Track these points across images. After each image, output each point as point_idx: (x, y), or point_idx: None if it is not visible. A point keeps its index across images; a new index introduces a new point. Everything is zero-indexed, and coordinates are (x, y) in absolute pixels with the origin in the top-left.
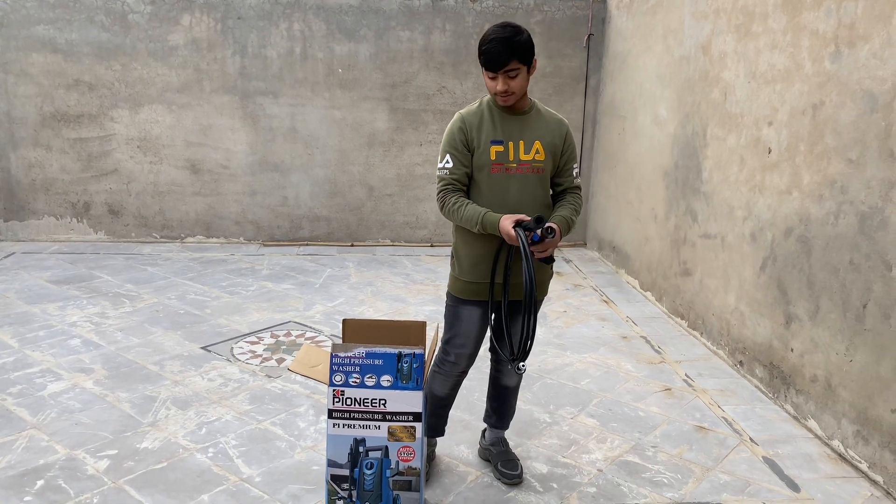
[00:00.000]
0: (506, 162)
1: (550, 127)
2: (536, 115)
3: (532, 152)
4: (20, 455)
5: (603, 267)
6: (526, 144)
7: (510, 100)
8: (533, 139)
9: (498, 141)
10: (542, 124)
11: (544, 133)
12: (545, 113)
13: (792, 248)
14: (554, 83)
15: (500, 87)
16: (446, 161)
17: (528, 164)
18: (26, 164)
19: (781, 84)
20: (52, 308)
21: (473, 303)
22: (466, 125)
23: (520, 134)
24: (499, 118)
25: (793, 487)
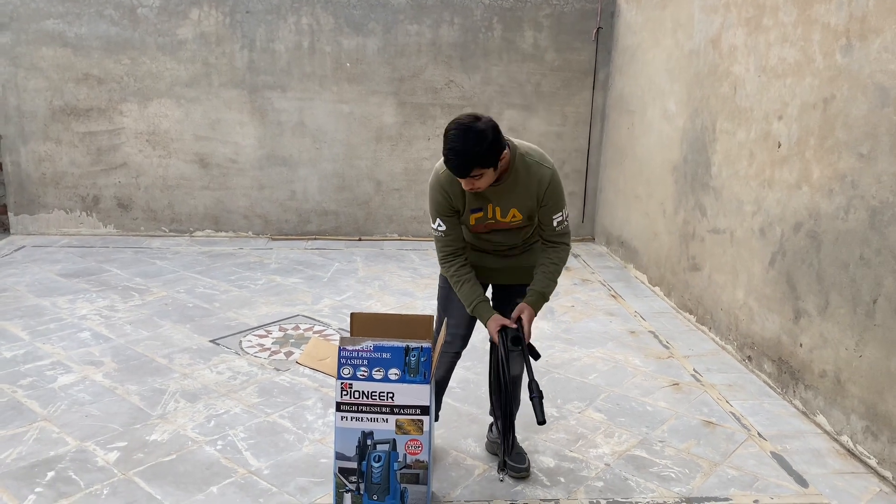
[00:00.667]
0: (485, 220)
1: (527, 191)
2: (514, 181)
3: (509, 216)
4: (31, 446)
5: (611, 262)
6: (503, 210)
7: (479, 190)
8: (509, 207)
9: (476, 209)
10: (518, 191)
11: (521, 200)
12: (525, 173)
13: (801, 243)
14: (562, 77)
15: (466, 186)
16: (438, 224)
17: (506, 223)
18: (36, 157)
19: (792, 78)
20: (62, 301)
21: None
22: (449, 194)
23: (497, 201)
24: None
25: (801, 483)
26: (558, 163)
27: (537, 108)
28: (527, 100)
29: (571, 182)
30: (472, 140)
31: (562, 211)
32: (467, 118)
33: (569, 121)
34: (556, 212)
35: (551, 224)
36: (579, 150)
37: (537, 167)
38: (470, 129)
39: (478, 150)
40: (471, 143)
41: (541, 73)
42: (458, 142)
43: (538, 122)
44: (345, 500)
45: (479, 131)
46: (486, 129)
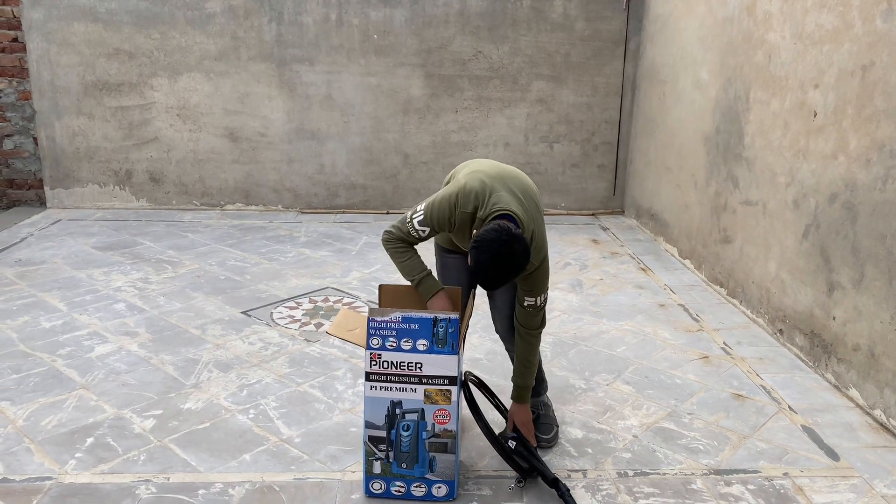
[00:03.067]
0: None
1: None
2: None
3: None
4: (71, 413)
5: (641, 235)
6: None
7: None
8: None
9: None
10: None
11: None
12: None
13: (836, 215)
14: (592, 47)
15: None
16: (423, 230)
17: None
18: (70, 132)
19: (829, 45)
20: (97, 273)
21: (458, 252)
22: (455, 223)
23: None
24: None
25: (832, 456)
26: (587, 134)
27: (567, 79)
28: (556, 70)
29: (601, 154)
30: (505, 267)
31: (537, 297)
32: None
33: (599, 91)
34: (532, 296)
35: (523, 303)
36: (609, 121)
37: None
38: (504, 256)
39: (512, 272)
40: (505, 268)
41: (570, 43)
42: (493, 267)
43: (567, 93)
44: (374, 468)
45: (514, 256)
46: (519, 254)
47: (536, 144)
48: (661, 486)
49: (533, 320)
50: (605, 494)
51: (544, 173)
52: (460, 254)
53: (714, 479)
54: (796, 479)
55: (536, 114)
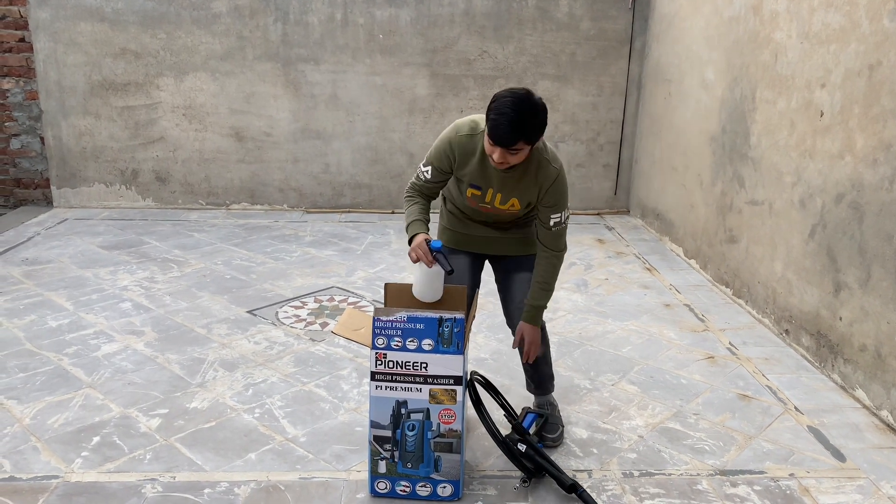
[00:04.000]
0: (480, 202)
1: (533, 187)
2: (524, 173)
3: (507, 204)
4: (77, 412)
5: (646, 234)
6: (503, 197)
7: (504, 167)
8: (511, 196)
9: (476, 185)
10: (525, 184)
11: (524, 192)
12: (536, 168)
13: (843, 215)
14: (598, 46)
15: (498, 158)
16: (427, 171)
17: (503, 210)
18: (77, 132)
19: (836, 44)
20: (103, 272)
21: (462, 252)
22: (455, 154)
23: (500, 186)
24: (487, 165)
25: (838, 457)
26: (592, 134)
27: (572, 79)
28: (561, 70)
29: (606, 154)
30: (527, 111)
31: (562, 212)
32: (523, 90)
33: (604, 91)
34: (556, 211)
35: (548, 223)
36: (614, 120)
37: (546, 164)
38: (525, 100)
39: (532, 122)
40: (526, 114)
41: (576, 43)
42: (513, 110)
43: (573, 93)
44: (379, 468)
45: (535, 104)
46: (540, 104)
47: None
48: (667, 487)
49: (560, 240)
50: (610, 495)
51: None
52: (462, 253)
53: (720, 480)
54: (802, 479)
55: None
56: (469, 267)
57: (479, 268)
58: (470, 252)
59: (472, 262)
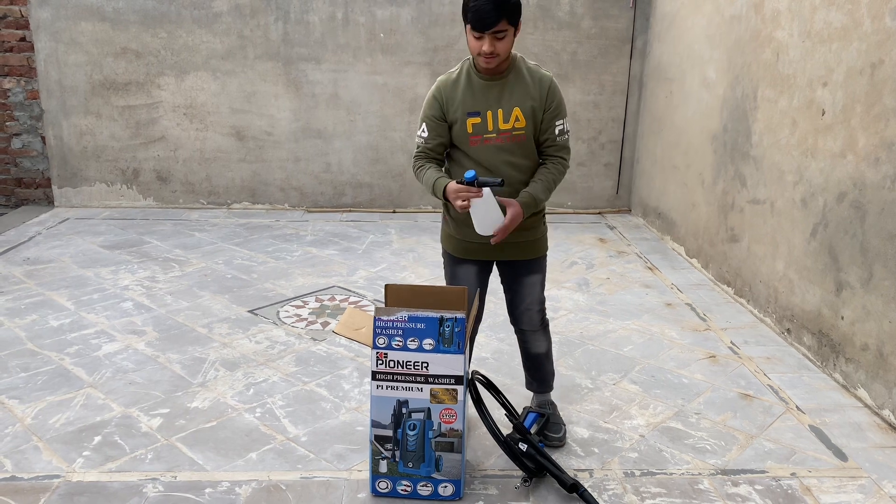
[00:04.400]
0: (484, 133)
1: (530, 89)
2: (517, 77)
3: (511, 120)
4: (78, 412)
5: (648, 234)
6: (504, 112)
7: (494, 62)
8: (511, 106)
9: (474, 112)
10: (521, 87)
11: (524, 97)
12: (527, 72)
13: (845, 214)
14: (599, 45)
15: (487, 48)
16: (422, 130)
17: (507, 133)
18: (78, 131)
19: (838, 43)
20: (105, 272)
21: (468, 261)
22: (442, 95)
23: (498, 101)
24: (477, 85)
25: (840, 456)
26: (594, 132)
27: (573, 77)
28: (563, 69)
29: (607, 153)
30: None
31: (564, 119)
32: None
33: (605, 90)
34: (560, 118)
35: (553, 132)
36: (616, 119)
37: (537, 69)
38: None
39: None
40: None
41: (577, 42)
42: None
43: (574, 92)
44: (381, 467)
45: None
46: None
47: None
48: (668, 486)
49: (567, 151)
50: (611, 494)
51: None
52: (470, 263)
53: (721, 480)
54: (804, 479)
55: None
56: (476, 277)
57: (486, 275)
58: (477, 261)
59: (479, 272)
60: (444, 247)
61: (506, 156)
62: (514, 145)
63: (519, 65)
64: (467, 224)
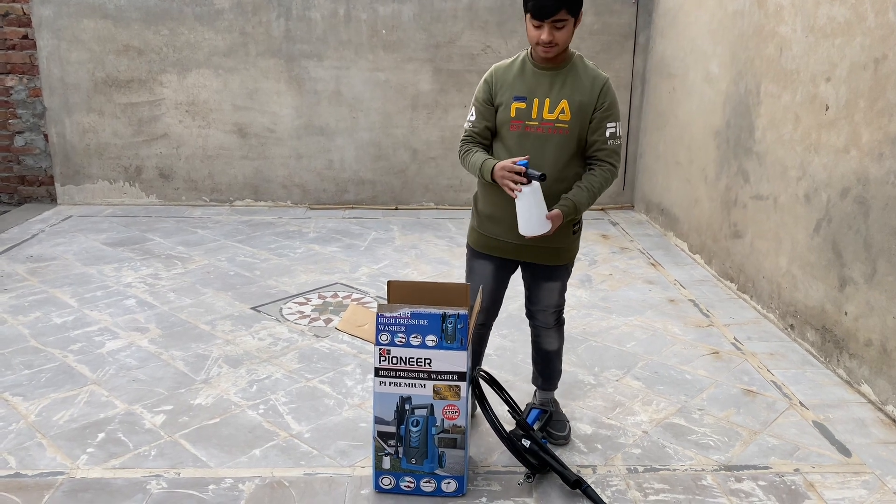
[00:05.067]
0: (526, 119)
1: (583, 85)
2: (571, 71)
3: (557, 111)
4: (82, 409)
5: (651, 230)
6: (552, 102)
7: (552, 52)
8: (560, 97)
9: (521, 97)
10: (574, 82)
11: (574, 92)
12: (583, 69)
13: (848, 209)
14: (602, 40)
15: (546, 37)
16: (471, 114)
17: (550, 124)
18: (80, 129)
19: (841, 38)
20: (108, 269)
21: (486, 257)
22: (494, 79)
23: (547, 91)
24: (530, 73)
25: (844, 452)
26: None
27: None
28: None
29: None
30: None
31: (617, 122)
32: None
33: None
34: (612, 120)
35: (604, 134)
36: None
37: (594, 68)
38: None
39: None
40: None
41: (579, 37)
42: None
43: None
44: (384, 464)
45: None
46: None
47: None
48: (672, 482)
49: (617, 157)
50: (614, 490)
51: None
52: (487, 259)
53: (724, 475)
54: (808, 475)
55: None
56: (493, 273)
57: (506, 273)
58: (495, 258)
59: (497, 269)
60: (468, 239)
61: (543, 148)
62: (554, 138)
63: (576, 61)
64: (492, 220)
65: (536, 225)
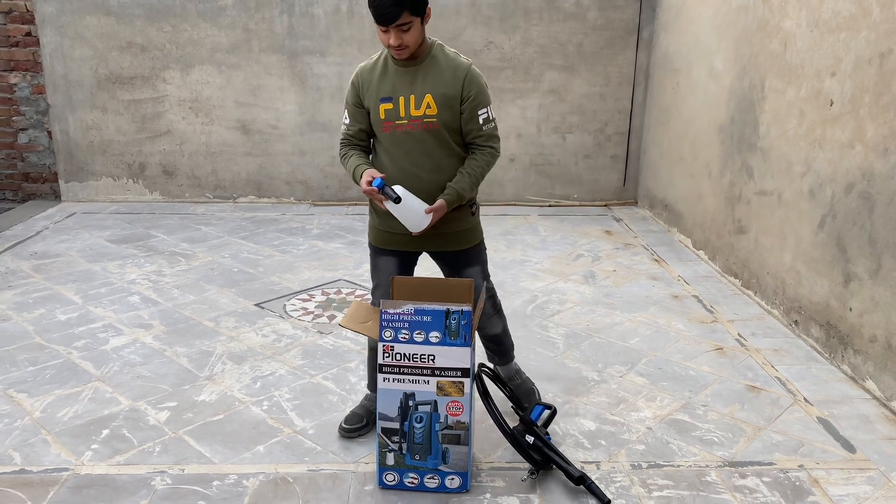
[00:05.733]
0: (396, 119)
1: (445, 77)
2: (432, 64)
3: (423, 107)
4: (86, 405)
5: (654, 226)
6: (416, 98)
7: (404, 53)
8: (424, 92)
9: (386, 98)
10: (436, 75)
11: (436, 85)
12: (444, 60)
13: (853, 205)
14: (605, 36)
15: (393, 41)
16: (345, 117)
17: (418, 120)
18: (84, 126)
19: (846, 32)
20: (111, 266)
21: (390, 253)
22: (360, 81)
23: (410, 88)
24: (392, 71)
25: (848, 448)
26: (600, 124)
27: (579, 69)
28: (568, 60)
29: (614, 144)
30: None
31: (488, 106)
32: None
33: (612, 81)
34: (482, 106)
35: (478, 122)
36: (622, 111)
37: (455, 57)
38: None
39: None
40: None
41: (583, 33)
42: None
43: (580, 83)
44: (387, 460)
45: None
46: None
47: (549, 135)
48: (676, 479)
49: (496, 140)
50: (618, 486)
51: (557, 164)
52: (391, 255)
53: (729, 472)
54: (812, 471)
55: (549, 104)
56: (397, 269)
57: (409, 268)
58: (399, 252)
59: (401, 263)
60: (369, 238)
61: (418, 144)
62: (425, 133)
63: (436, 52)
64: (390, 215)
65: (420, 222)
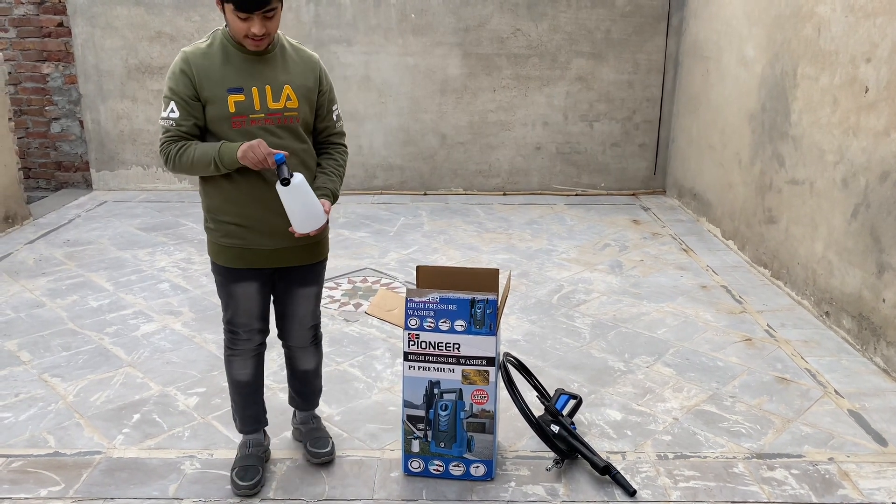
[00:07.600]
0: (250, 113)
1: (299, 68)
2: (283, 53)
3: (283, 99)
4: (118, 390)
5: (683, 215)
6: (274, 90)
7: (264, 43)
8: (282, 83)
9: (236, 88)
10: (291, 65)
11: (294, 76)
12: (293, 50)
13: (888, 194)
14: (633, 23)
15: (257, 29)
16: (171, 110)
17: (278, 114)
18: (114, 115)
19: (883, 17)
20: (142, 254)
21: (246, 275)
22: (193, 70)
23: (265, 78)
24: (238, 60)
25: (880, 441)
26: (628, 113)
27: (607, 56)
28: (596, 47)
29: (642, 133)
30: None
31: (337, 103)
32: None
33: (640, 69)
34: (334, 102)
35: (332, 118)
36: (651, 99)
37: (301, 47)
38: None
39: None
40: None
41: (611, 20)
42: None
43: (608, 71)
44: (413, 447)
45: None
46: None
47: (576, 123)
48: (702, 470)
49: (343, 133)
50: (644, 477)
51: (584, 153)
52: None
53: (756, 463)
54: (842, 464)
55: (576, 92)
56: (258, 294)
57: (270, 290)
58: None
59: (262, 286)
60: (215, 260)
61: (274, 141)
62: (283, 129)
63: (282, 41)
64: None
65: (314, 219)
